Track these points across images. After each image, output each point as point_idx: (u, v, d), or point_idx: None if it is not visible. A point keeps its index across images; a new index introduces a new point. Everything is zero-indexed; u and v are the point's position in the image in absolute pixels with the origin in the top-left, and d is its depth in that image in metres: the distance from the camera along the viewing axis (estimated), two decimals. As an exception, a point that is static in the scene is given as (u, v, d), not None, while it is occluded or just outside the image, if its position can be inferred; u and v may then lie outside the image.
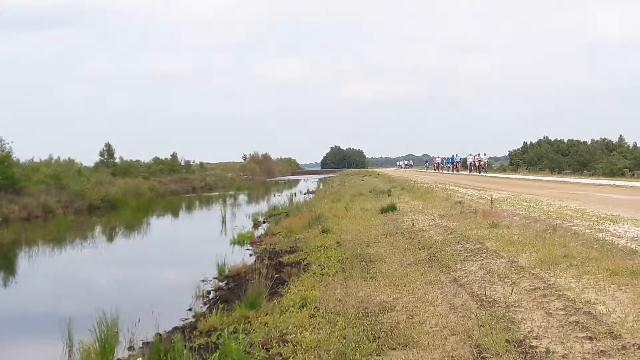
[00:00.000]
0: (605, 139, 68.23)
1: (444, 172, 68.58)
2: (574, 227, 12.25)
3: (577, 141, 69.48)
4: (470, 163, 58.95)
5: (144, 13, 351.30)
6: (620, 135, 68.27)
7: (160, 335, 9.56)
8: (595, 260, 8.90)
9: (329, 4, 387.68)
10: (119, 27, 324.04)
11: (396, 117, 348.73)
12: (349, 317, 7.89)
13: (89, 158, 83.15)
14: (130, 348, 9.76)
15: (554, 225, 12.51)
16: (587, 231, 11.60)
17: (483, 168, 56.20)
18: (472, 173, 56.03)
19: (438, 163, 78.21)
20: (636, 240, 10.25)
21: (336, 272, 11.61)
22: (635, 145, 57.11)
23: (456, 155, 68.46)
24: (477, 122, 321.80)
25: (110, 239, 28.54)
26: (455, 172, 63.62)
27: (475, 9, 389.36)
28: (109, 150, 64.76)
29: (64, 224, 32.97)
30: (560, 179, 38.40)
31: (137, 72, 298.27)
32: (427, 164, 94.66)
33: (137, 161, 72.21)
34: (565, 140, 71.27)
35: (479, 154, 57.75)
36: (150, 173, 66.34)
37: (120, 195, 46.11)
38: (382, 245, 14.05)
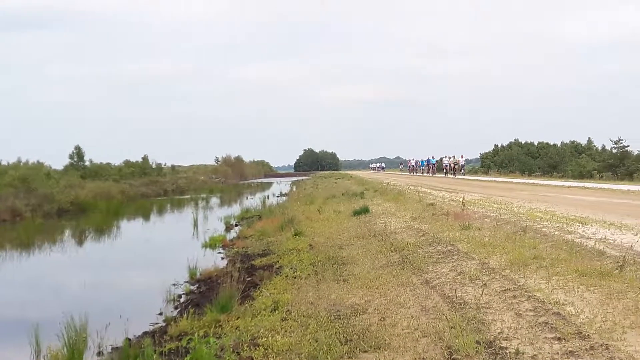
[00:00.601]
0: (574, 141, 69.18)
1: (418, 174, 67.30)
2: (544, 229, 12.37)
3: (547, 144, 70.31)
4: (446, 165, 57.46)
5: (118, 15, 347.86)
6: (589, 138, 69.34)
7: (129, 340, 9.48)
8: (564, 261, 9.00)
9: (306, 7, 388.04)
10: (92, 29, 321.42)
11: (370, 120, 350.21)
12: (321, 320, 7.88)
13: (59, 161, 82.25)
14: (99, 353, 9.65)
15: (524, 227, 12.62)
16: (556, 233, 11.73)
17: (460, 170, 55.03)
18: (447, 175, 54.82)
19: (413, 165, 76.00)
20: (604, 241, 10.38)
21: (308, 274, 11.58)
22: (603, 148, 57.84)
23: (432, 157, 66.28)
24: (450, 124, 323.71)
25: (80, 242, 28.25)
26: (431, 174, 62.01)
27: (449, 13, 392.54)
28: (78, 153, 64.19)
29: (32, 227, 32.54)
30: (531, 181, 38.79)
31: (110, 74, 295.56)
32: (401, 167, 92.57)
33: (108, 164, 71.56)
34: (536, 143, 72.06)
35: (454, 156, 56.31)
36: (120, 176, 65.63)
37: (90, 198, 45.55)
38: (354, 247, 14.05)
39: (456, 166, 55.10)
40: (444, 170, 58.34)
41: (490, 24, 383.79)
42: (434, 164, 64.76)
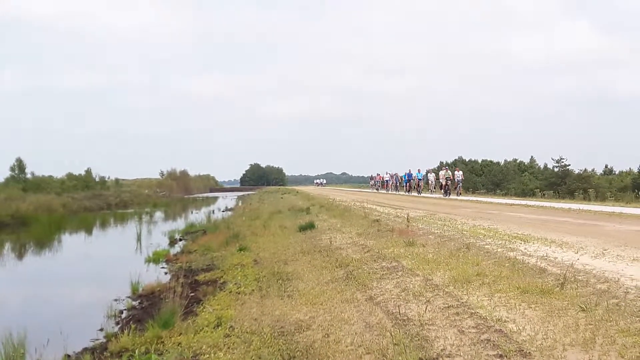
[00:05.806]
0: (517, 160, 70.68)
1: (393, 192, 57.29)
2: (487, 246, 12.51)
3: (491, 162, 71.61)
4: (433, 181, 48.51)
5: (60, 28, 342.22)
6: (532, 157, 70.93)
7: (69, 356, 9.29)
8: (506, 278, 9.09)
9: (253, 22, 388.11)
10: (34, 42, 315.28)
11: (316, 136, 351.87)
12: (265, 336, 7.80)
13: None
14: (37, 370, 9.38)
15: (468, 244, 12.74)
16: (499, 250, 11.86)
17: (456, 188, 43.16)
18: (421, 195, 46.78)
19: (387, 181, 63.98)
20: (545, 259, 10.54)
21: (253, 290, 11.50)
22: (545, 167, 59.22)
23: (418, 171, 51.73)
24: (396, 141, 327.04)
25: (20, 256, 27.53)
26: (417, 193, 49.70)
27: (398, 32, 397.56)
28: (19, 166, 63.07)
29: (-30, 241, 31.65)
30: (475, 198, 39.29)
31: (52, 88, 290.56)
32: (372, 182, 76.95)
33: (50, 177, 70.34)
34: (480, 161, 73.29)
35: (446, 169, 45.29)
36: (63, 189, 64.61)
37: (31, 211, 44.62)
38: (299, 263, 13.99)
39: (449, 182, 42.98)
40: (430, 188, 48.88)
41: (438, 43, 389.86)
42: (420, 179, 50.94)
